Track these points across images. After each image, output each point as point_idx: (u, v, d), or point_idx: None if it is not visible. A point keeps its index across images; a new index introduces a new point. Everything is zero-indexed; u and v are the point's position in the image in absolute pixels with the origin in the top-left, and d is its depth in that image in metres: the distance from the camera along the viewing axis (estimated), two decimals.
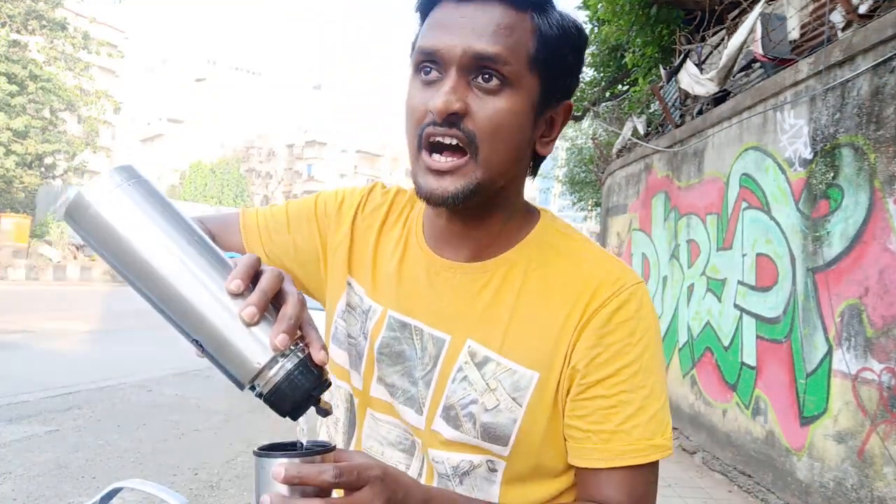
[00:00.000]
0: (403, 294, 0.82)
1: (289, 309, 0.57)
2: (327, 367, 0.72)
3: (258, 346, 0.56)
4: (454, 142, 0.69)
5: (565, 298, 0.76)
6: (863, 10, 3.74)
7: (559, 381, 0.75)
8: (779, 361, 4.24)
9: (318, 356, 0.58)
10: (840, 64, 3.71)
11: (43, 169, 29.08)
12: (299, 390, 0.57)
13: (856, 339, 3.47)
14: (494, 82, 0.69)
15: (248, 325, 0.56)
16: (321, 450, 0.55)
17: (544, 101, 0.74)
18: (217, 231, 0.89)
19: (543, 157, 0.79)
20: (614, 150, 9.28)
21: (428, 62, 0.71)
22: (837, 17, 4.00)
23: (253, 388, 0.57)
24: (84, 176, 34.63)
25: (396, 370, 0.81)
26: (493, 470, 0.77)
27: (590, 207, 19.83)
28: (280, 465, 0.52)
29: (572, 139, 20.98)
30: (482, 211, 0.76)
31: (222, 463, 4.55)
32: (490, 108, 0.69)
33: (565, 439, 0.77)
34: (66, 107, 28.25)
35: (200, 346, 0.57)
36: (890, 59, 3.30)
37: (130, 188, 0.58)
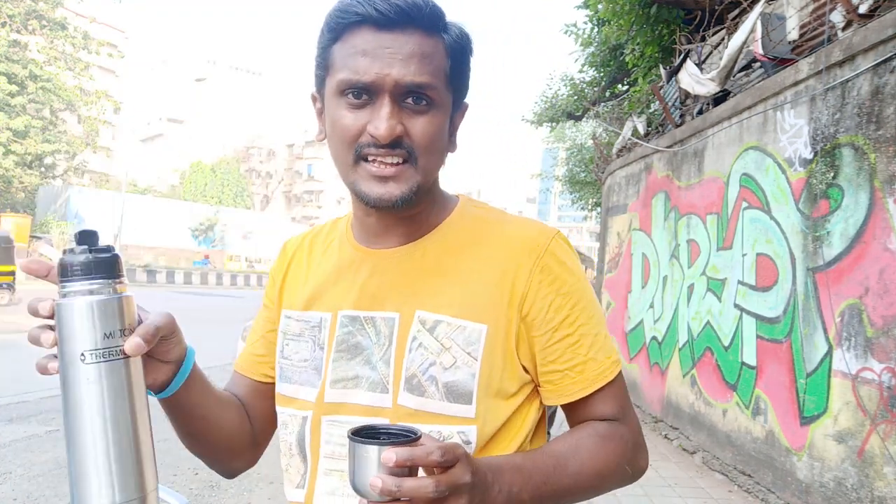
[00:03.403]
0: (348, 293, 0.88)
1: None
2: (278, 407, 0.90)
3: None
4: (398, 160, 0.77)
5: (499, 255, 0.85)
6: (863, 9, 3.74)
7: (510, 332, 0.82)
8: (779, 361, 4.24)
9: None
10: (840, 64, 3.71)
11: (43, 169, 29.09)
12: None
13: (856, 339, 3.47)
14: (423, 104, 0.77)
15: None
16: (417, 436, 0.63)
17: (455, 109, 0.85)
18: (230, 387, 0.98)
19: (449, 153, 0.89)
20: (614, 150, 9.28)
21: (357, 89, 0.76)
22: (837, 17, 4.00)
23: None
24: (84, 176, 34.66)
25: (356, 361, 0.85)
26: (467, 442, 0.81)
27: (590, 207, 19.81)
28: (391, 451, 0.59)
29: (572, 139, 21.00)
30: (412, 206, 0.82)
31: None
32: (422, 126, 0.77)
33: (540, 385, 0.86)
34: (66, 107, 28.26)
35: None
36: (890, 58, 3.30)
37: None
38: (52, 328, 0.62)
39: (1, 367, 7.42)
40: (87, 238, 0.62)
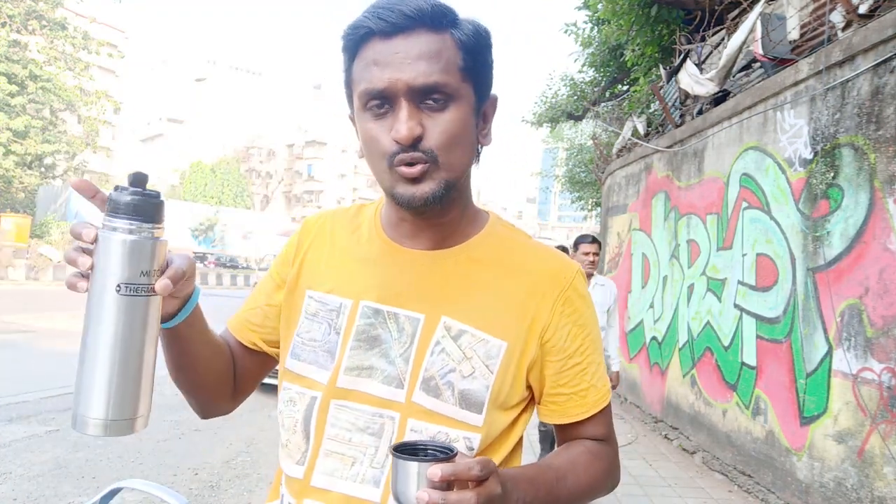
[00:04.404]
0: (373, 285, 0.90)
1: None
2: (286, 382, 0.92)
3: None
4: (422, 160, 0.79)
5: (524, 280, 0.90)
6: (863, 10, 3.74)
7: (525, 352, 0.88)
8: (779, 361, 4.24)
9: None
10: (840, 64, 3.71)
11: (43, 169, 29.06)
12: None
13: (856, 339, 3.47)
14: (440, 102, 0.79)
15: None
16: (454, 453, 0.68)
17: (479, 101, 0.86)
18: (223, 336, 1.01)
19: (484, 146, 0.92)
20: (614, 150, 9.28)
21: (376, 100, 0.79)
22: (837, 17, 4.00)
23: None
24: (84, 176, 34.58)
25: (374, 353, 0.88)
26: (471, 448, 0.85)
27: (590, 207, 19.80)
28: (437, 468, 0.64)
29: (572, 139, 20.99)
30: (445, 204, 0.84)
31: (222, 463, 4.55)
32: (442, 124, 0.79)
33: (541, 404, 0.93)
34: (66, 107, 28.23)
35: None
36: (890, 59, 3.30)
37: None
38: (88, 253, 0.68)
39: (1, 367, 7.41)
40: (139, 180, 0.68)
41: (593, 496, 0.92)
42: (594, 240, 4.38)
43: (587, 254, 4.29)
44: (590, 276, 4.38)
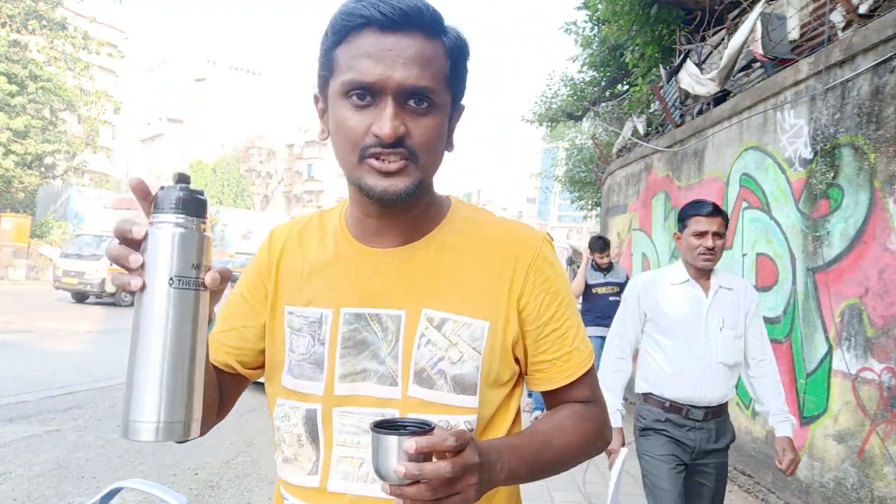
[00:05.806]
0: (349, 290, 0.91)
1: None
2: (280, 399, 0.92)
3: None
4: (400, 159, 0.80)
5: (495, 256, 0.91)
6: (863, 10, 3.75)
7: (507, 328, 0.89)
8: (779, 361, 4.22)
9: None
10: (840, 64, 3.71)
11: (43, 169, 29.05)
12: None
13: (856, 339, 3.47)
14: (424, 106, 0.81)
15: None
16: (431, 427, 0.70)
17: (453, 109, 0.89)
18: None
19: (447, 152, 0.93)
20: (614, 150, 9.29)
21: (361, 90, 0.79)
22: (837, 17, 4.00)
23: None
24: (84, 176, 34.58)
25: (364, 356, 0.89)
26: (471, 430, 0.87)
27: (590, 207, 19.81)
28: (412, 440, 0.66)
29: (572, 139, 20.99)
30: (410, 203, 0.86)
31: (222, 463, 4.55)
32: (423, 127, 0.81)
33: (528, 373, 0.94)
34: (66, 107, 28.21)
35: None
36: (890, 58, 3.30)
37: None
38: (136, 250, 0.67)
39: (1, 367, 7.41)
40: (183, 179, 0.69)
41: (583, 456, 0.94)
42: (716, 210, 2.35)
43: (701, 235, 2.31)
44: (707, 272, 2.40)
